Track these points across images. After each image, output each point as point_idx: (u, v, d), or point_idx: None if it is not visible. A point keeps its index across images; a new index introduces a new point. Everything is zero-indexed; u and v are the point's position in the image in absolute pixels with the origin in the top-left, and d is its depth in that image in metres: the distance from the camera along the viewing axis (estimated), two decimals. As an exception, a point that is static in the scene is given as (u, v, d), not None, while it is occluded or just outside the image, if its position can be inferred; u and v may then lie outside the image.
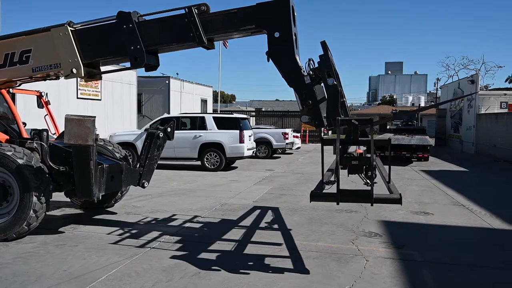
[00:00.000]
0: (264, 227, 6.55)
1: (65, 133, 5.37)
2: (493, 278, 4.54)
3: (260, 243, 5.63)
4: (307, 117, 4.99)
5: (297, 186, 10.72)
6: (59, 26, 5.64)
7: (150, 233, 6.00)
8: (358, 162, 4.39)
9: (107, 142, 7.17)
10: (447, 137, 28.45)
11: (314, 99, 4.89)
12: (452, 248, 5.58)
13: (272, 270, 4.63)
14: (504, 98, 23.60)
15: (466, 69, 41.33)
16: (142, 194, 8.75)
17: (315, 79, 4.93)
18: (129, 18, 5.42)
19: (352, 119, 4.53)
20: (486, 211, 7.82)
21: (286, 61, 4.98)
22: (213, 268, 4.66)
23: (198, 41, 5.29)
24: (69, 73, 5.65)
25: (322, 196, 4.50)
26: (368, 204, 4.71)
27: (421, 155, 17.16)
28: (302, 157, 19.48)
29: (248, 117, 17.55)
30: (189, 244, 5.53)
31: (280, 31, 4.94)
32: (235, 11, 5.17)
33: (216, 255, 5.10)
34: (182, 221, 6.77)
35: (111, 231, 6.10)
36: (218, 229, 6.38)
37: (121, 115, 18.87)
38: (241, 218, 7.09)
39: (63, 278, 4.31)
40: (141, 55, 5.40)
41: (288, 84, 5.07)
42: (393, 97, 73.88)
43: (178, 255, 5.06)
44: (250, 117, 30.87)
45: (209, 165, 13.62)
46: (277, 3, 5.01)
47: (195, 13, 5.22)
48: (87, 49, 5.65)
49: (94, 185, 5.55)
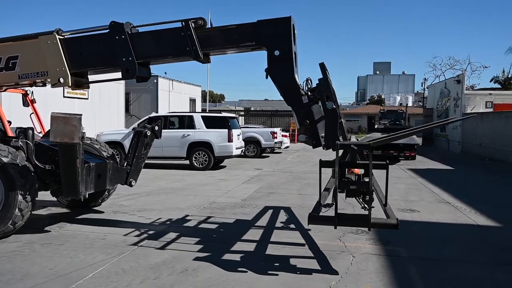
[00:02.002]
0: (253, 225, 6.57)
1: (51, 131, 5.32)
2: (475, 273, 4.63)
3: (249, 241, 5.66)
4: (305, 136, 5.03)
5: (285, 184, 10.76)
6: (47, 34, 5.52)
7: (137, 232, 5.97)
8: (356, 187, 4.38)
9: (94, 141, 7.11)
10: (434, 136, 28.84)
11: (312, 119, 4.92)
12: (437, 244, 5.67)
13: (261, 267, 4.65)
14: (489, 97, 24.03)
15: (452, 69, 41.91)
16: (129, 193, 8.70)
17: (313, 99, 4.94)
18: (122, 29, 5.30)
19: (351, 144, 4.56)
20: (471, 208, 7.96)
21: (285, 80, 4.98)
22: (201, 265, 4.66)
23: (194, 55, 5.21)
24: (56, 82, 5.54)
25: (320, 219, 4.51)
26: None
27: (408, 154, 17.36)
28: (291, 156, 19.55)
29: (237, 116, 17.56)
30: (176, 242, 5.51)
31: (280, 49, 4.91)
32: (235, 27, 5.11)
33: (204, 253, 5.09)
34: (170, 220, 6.75)
35: (98, 230, 6.05)
36: (205, 227, 6.38)
37: (109, 114, 18.69)
38: (228, 216, 7.09)
39: (49, 277, 4.27)
40: (133, 67, 5.31)
41: (286, 102, 5.08)
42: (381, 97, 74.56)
43: (166, 253, 5.05)
44: (239, 116, 30.89)
45: (198, 164, 13.59)
46: (278, 22, 4.98)
47: (191, 27, 5.13)
48: (76, 59, 5.53)
49: (81, 184, 5.50)
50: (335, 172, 4.29)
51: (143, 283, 4.17)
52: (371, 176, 4.32)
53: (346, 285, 4.17)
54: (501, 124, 18.64)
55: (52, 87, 5.82)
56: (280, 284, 4.18)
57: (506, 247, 5.59)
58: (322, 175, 4.63)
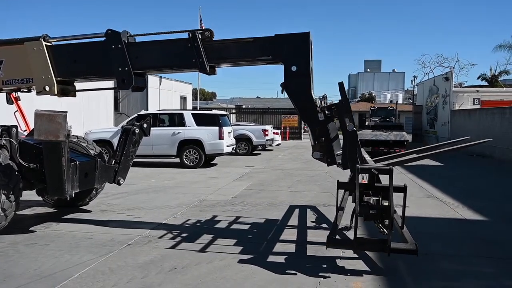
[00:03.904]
0: (241, 221, 6.53)
1: (35, 129, 5.22)
2: (460, 266, 4.66)
3: (239, 238, 5.62)
4: (319, 154, 4.96)
5: (276, 182, 10.74)
6: (33, 40, 5.33)
7: (125, 230, 5.90)
8: (376, 211, 4.32)
9: (81, 139, 7.00)
10: (423, 132, 29.07)
11: (328, 136, 4.87)
12: (425, 238, 5.67)
13: (247, 262, 4.62)
14: (476, 94, 24.28)
15: (441, 67, 42.27)
16: (118, 191, 8.60)
17: (330, 117, 4.89)
18: (118, 37, 5.14)
19: (371, 168, 4.51)
20: (459, 203, 8.03)
21: (301, 96, 4.91)
22: (190, 263, 4.62)
23: (201, 68, 5.08)
24: (42, 90, 5.36)
25: (338, 243, 4.45)
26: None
27: (398, 151, 17.45)
28: (282, 154, 19.55)
29: (228, 114, 17.50)
30: (166, 241, 5.45)
31: (298, 65, 4.84)
32: (252, 41, 5.00)
33: (193, 251, 5.04)
34: (159, 218, 6.68)
35: (84, 229, 5.96)
36: (195, 225, 6.33)
37: (97, 112, 18.51)
38: (220, 213, 7.05)
39: (33, 278, 4.18)
40: (129, 77, 5.15)
41: (301, 118, 5.05)
42: (372, 94, 74.90)
43: (155, 252, 4.99)
44: (231, 114, 30.79)
45: (188, 162, 13.51)
46: (297, 37, 4.90)
47: (199, 39, 5.00)
48: (66, 66, 5.35)
49: (67, 183, 5.42)
50: (356, 197, 4.24)
51: (131, 282, 4.11)
52: (392, 200, 4.26)
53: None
54: (488, 121, 18.87)
55: (37, 95, 5.59)
56: (266, 281, 4.15)
57: (492, 241, 5.65)
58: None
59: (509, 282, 4.27)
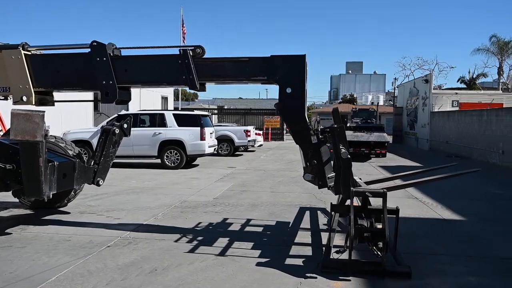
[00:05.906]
0: (223, 223, 6.51)
1: (11, 129, 5.08)
2: (438, 264, 4.76)
3: (221, 240, 5.60)
4: (311, 176, 4.97)
5: (258, 182, 10.75)
6: (11, 48, 5.17)
7: (105, 232, 5.80)
8: (370, 234, 4.35)
9: (59, 139, 6.85)
10: (404, 134, 29.61)
11: (320, 159, 4.89)
12: (405, 237, 5.76)
13: (228, 264, 4.61)
14: (455, 97, 24.88)
15: (421, 69, 43.11)
16: (97, 193, 8.45)
17: (323, 140, 4.91)
18: (104, 50, 5.03)
19: (366, 191, 4.57)
20: (438, 203, 8.21)
21: (295, 118, 4.94)
22: (170, 264, 4.58)
23: (191, 85, 5.03)
24: (19, 100, 5.21)
25: (333, 266, 4.44)
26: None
27: (379, 152, 17.77)
28: (264, 155, 19.59)
29: (209, 114, 17.43)
30: (146, 242, 5.39)
31: (293, 87, 4.86)
32: (247, 60, 4.98)
33: (172, 251, 5.00)
34: (139, 219, 6.60)
35: (62, 231, 5.84)
36: (176, 226, 6.27)
37: (77, 112, 18.14)
38: (201, 214, 7.00)
39: (9, 281, 4.07)
40: (113, 91, 5.05)
41: (294, 140, 5.03)
42: (353, 96, 75.82)
43: (135, 253, 4.92)
44: (212, 114, 30.69)
45: (169, 163, 13.39)
46: (293, 59, 4.92)
47: (189, 55, 4.94)
48: (43, 77, 5.20)
49: (44, 184, 5.28)
50: (351, 220, 4.28)
51: (110, 284, 4.04)
52: (386, 223, 4.30)
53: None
54: (466, 122, 19.34)
55: (13, 105, 5.39)
56: (252, 279, 4.14)
57: (468, 240, 5.79)
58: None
59: (475, 278, 4.39)
